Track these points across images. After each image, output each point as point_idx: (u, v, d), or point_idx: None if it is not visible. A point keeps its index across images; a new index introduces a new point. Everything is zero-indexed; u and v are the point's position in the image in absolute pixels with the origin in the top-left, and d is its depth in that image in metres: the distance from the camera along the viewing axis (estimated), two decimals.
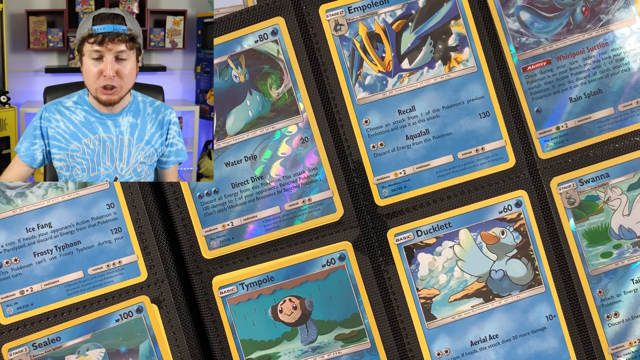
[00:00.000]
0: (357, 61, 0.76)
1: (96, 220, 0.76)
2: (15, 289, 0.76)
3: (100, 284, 0.76)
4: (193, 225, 0.76)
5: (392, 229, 0.75)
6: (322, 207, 0.76)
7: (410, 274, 0.76)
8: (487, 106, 0.76)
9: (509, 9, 0.76)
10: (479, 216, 0.76)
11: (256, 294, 0.76)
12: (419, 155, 0.76)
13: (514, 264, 0.76)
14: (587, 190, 0.76)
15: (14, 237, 0.76)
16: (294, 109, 0.76)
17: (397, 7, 0.76)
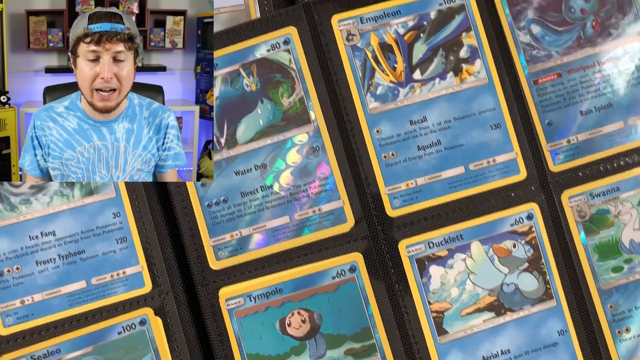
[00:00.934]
0: (369, 71, 0.75)
1: (101, 229, 0.75)
2: (16, 298, 0.73)
3: (103, 294, 0.74)
4: (201, 234, 0.75)
5: (404, 240, 0.74)
6: (332, 217, 0.75)
7: (422, 287, 0.74)
8: (498, 118, 0.75)
9: (520, 22, 0.76)
10: (491, 228, 0.75)
11: (264, 306, 0.74)
12: (430, 166, 0.75)
13: (525, 277, 0.75)
14: (597, 203, 0.76)
15: (17, 245, 0.74)
16: (305, 118, 0.75)
17: (409, 18, 0.76)
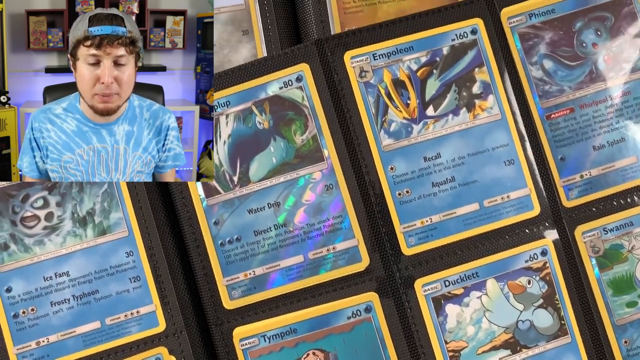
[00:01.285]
0: (382, 108, 0.75)
1: (114, 268, 0.74)
2: (32, 339, 0.73)
3: (117, 334, 0.74)
4: (214, 274, 0.74)
5: (420, 279, 0.74)
6: (347, 256, 0.74)
7: (439, 326, 0.74)
8: (512, 154, 0.75)
9: (533, 57, 0.76)
10: (506, 265, 0.75)
11: (279, 346, 0.74)
12: (445, 203, 0.75)
13: (540, 313, 0.75)
14: (611, 238, 0.76)
15: (32, 287, 0.73)
16: (318, 156, 0.75)
17: (421, 55, 0.75)
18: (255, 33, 0.81)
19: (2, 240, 0.74)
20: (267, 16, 0.81)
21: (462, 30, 0.75)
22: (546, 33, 0.77)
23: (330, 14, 0.81)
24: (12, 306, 0.73)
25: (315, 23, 0.80)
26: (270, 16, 0.81)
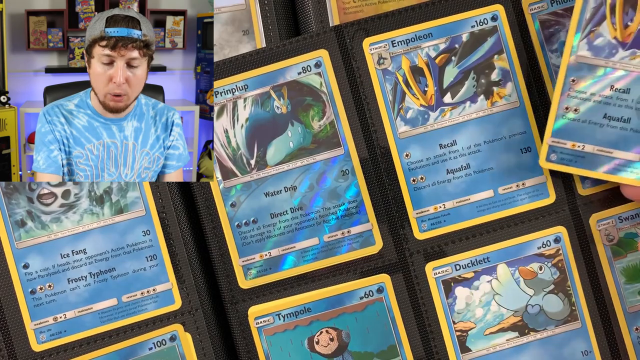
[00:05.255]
0: (399, 95, 0.75)
1: (131, 247, 0.76)
2: (49, 315, 0.75)
3: (134, 311, 0.76)
4: (230, 254, 0.76)
5: (431, 262, 0.75)
6: (361, 239, 0.75)
7: (448, 307, 0.75)
8: (529, 142, 0.75)
9: (553, 45, 0.76)
10: (518, 251, 0.75)
11: (293, 325, 0.75)
12: (459, 189, 0.75)
13: (550, 299, 0.76)
14: (625, 227, 0.76)
15: (49, 263, 0.75)
16: (335, 141, 0.75)
17: (440, 41, 0.75)
18: (256, 33, 0.81)
19: (19, 217, 0.75)
20: (267, 16, 0.81)
21: (482, 16, 0.75)
22: (567, 20, 0.76)
23: (330, 14, 0.80)
24: (29, 282, 0.75)
25: (315, 23, 0.80)
26: (270, 16, 0.81)
